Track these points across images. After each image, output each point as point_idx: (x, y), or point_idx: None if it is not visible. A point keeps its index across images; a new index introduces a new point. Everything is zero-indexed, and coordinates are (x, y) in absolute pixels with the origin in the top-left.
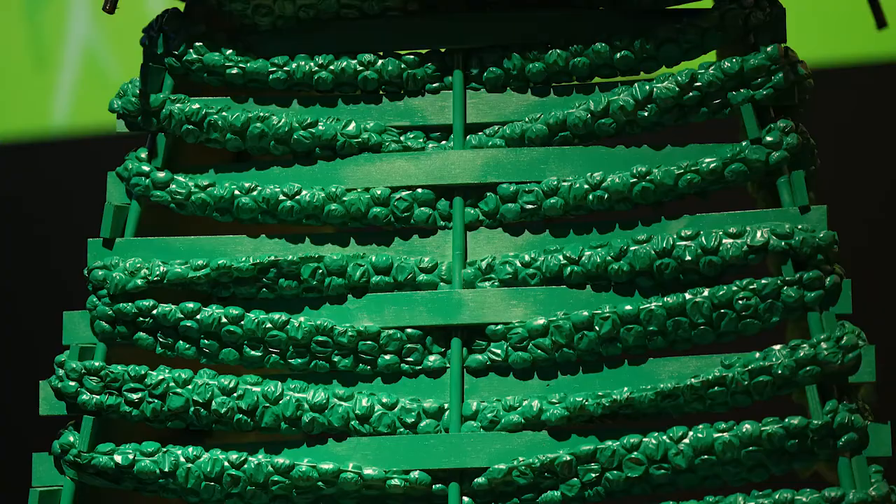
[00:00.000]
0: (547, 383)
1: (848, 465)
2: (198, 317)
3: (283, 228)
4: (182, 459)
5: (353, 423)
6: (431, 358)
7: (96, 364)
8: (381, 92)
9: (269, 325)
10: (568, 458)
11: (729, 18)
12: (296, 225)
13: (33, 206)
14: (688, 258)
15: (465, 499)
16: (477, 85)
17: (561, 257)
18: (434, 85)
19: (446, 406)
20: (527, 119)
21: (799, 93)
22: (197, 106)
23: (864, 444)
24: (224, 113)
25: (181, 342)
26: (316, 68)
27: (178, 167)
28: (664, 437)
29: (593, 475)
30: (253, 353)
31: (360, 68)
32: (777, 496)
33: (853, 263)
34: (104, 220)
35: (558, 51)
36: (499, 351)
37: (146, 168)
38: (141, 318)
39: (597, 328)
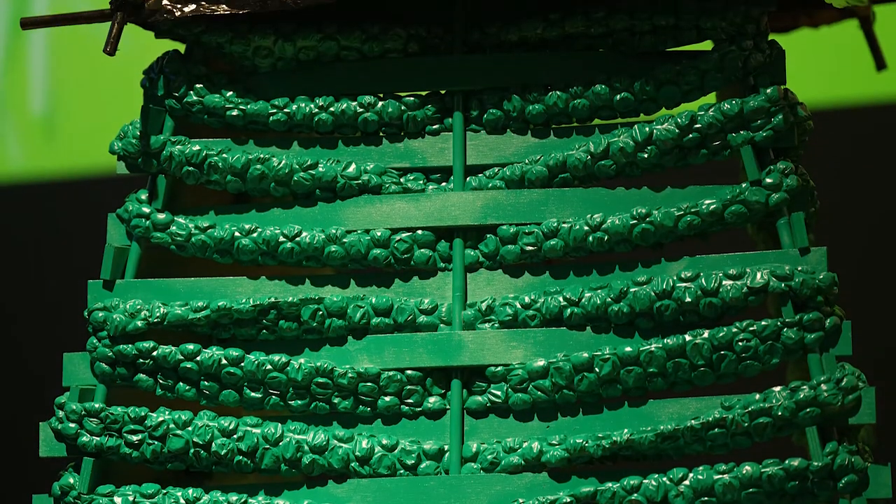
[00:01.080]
0: (547, 425)
1: None
2: (198, 358)
3: (284, 270)
4: (182, 501)
5: (353, 464)
6: (431, 399)
7: (96, 406)
8: (381, 133)
9: (269, 367)
10: (568, 499)
11: (728, 60)
12: (296, 266)
13: (34, 246)
14: (688, 300)
15: None
16: (477, 126)
17: (561, 299)
18: (434, 127)
19: (446, 448)
20: (527, 161)
21: (799, 134)
22: (197, 147)
23: (865, 486)
24: (224, 154)
25: (181, 384)
26: (316, 110)
27: (179, 209)
28: (664, 479)
29: None
30: (253, 394)
31: (361, 110)
32: None
33: (853, 304)
34: (104, 261)
35: (558, 92)
36: (499, 392)
37: (146, 210)
38: (141, 360)
39: (597, 370)
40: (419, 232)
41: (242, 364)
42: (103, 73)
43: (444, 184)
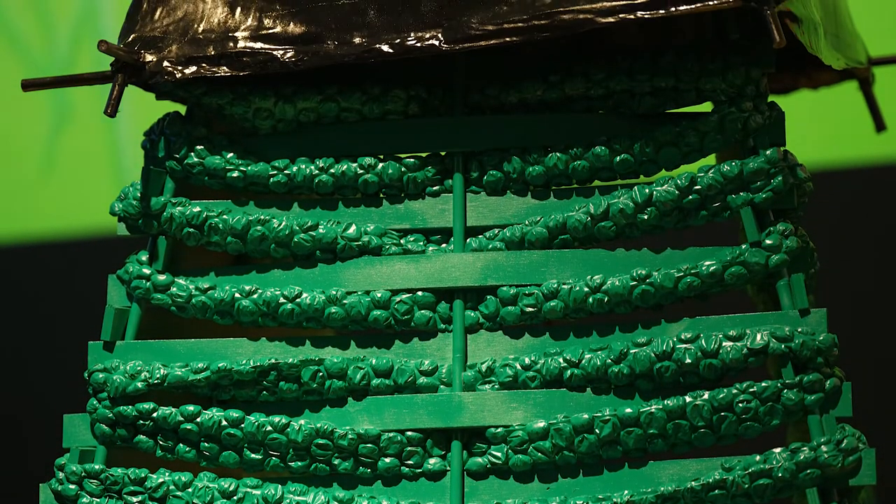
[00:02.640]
0: (547, 486)
1: None
2: (198, 420)
3: (284, 331)
4: None
5: None
6: (432, 461)
7: (96, 467)
8: (381, 195)
9: (269, 428)
10: None
11: (728, 122)
12: (296, 328)
13: (34, 307)
14: (688, 361)
15: None
16: (477, 188)
17: (561, 360)
18: (434, 188)
19: None
20: (527, 222)
21: (798, 196)
22: (198, 209)
23: None
24: (225, 216)
25: (181, 445)
26: (316, 171)
27: (179, 270)
28: None
29: None
30: (253, 455)
31: (361, 171)
32: None
33: (853, 364)
34: (105, 322)
35: (558, 154)
36: (499, 454)
37: (147, 271)
38: (141, 421)
39: (597, 431)
40: (419, 293)
41: (242, 425)
42: (104, 132)
43: (444, 245)
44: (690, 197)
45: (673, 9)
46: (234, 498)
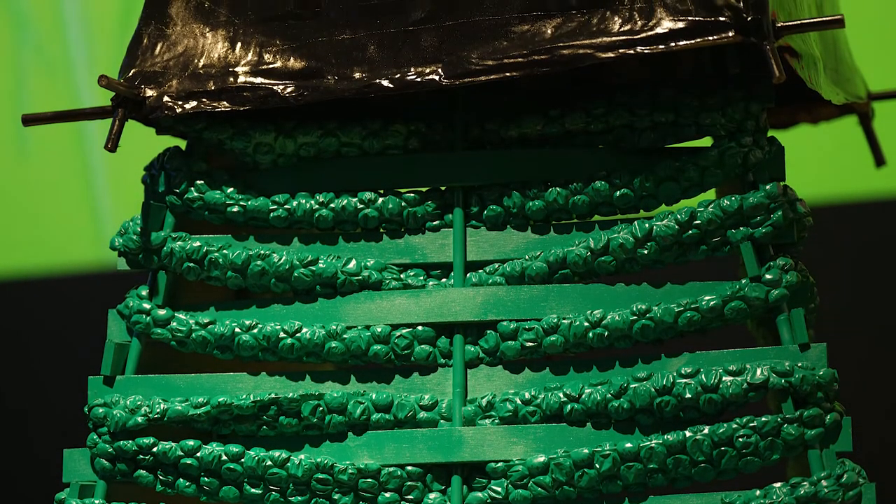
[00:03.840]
0: None
1: None
2: (198, 454)
3: (284, 366)
4: None
5: None
6: (432, 496)
7: (96, 502)
8: (381, 230)
9: (269, 463)
10: None
11: (728, 157)
12: (296, 362)
13: (34, 341)
14: (688, 396)
15: None
16: (477, 223)
17: (561, 395)
18: (434, 223)
19: None
20: (527, 257)
21: (798, 230)
22: (198, 244)
23: None
24: (225, 251)
25: (181, 480)
26: (317, 206)
27: (179, 304)
28: None
29: None
30: (253, 490)
31: (361, 206)
32: None
33: (853, 400)
34: (105, 357)
35: (558, 189)
36: (499, 489)
37: (147, 306)
38: (141, 456)
39: (597, 466)
40: (419, 328)
41: (243, 460)
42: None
43: (444, 280)
44: (690, 232)
45: (672, 44)
46: None
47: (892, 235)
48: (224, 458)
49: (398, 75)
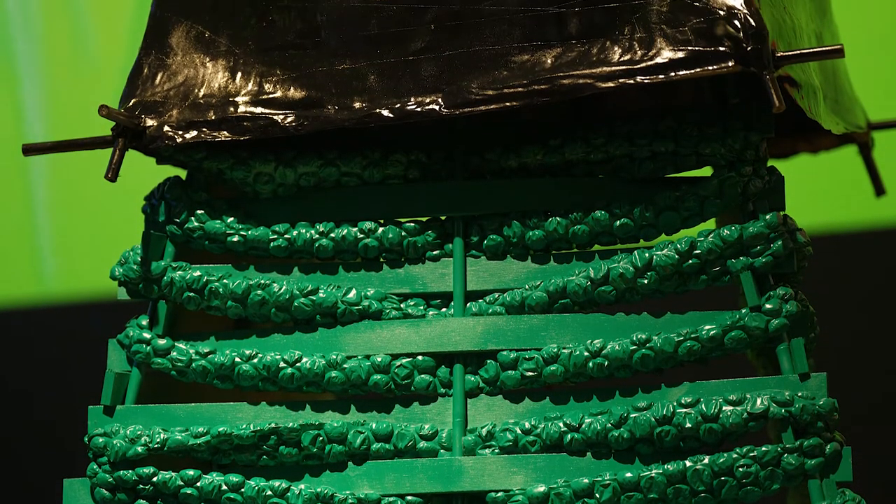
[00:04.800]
0: None
1: None
2: (198, 484)
3: (284, 395)
4: None
5: None
6: None
7: None
8: (381, 259)
9: (269, 493)
10: None
11: (728, 187)
12: (296, 392)
13: (34, 371)
14: (688, 425)
15: None
16: (477, 252)
17: (561, 424)
18: (434, 252)
19: None
20: (527, 286)
21: (798, 260)
22: (198, 273)
23: None
24: (225, 280)
25: None
26: (317, 236)
27: (179, 334)
28: None
29: None
30: None
31: (361, 236)
32: None
33: (853, 430)
34: (105, 387)
35: (558, 218)
36: None
37: (147, 335)
38: (141, 486)
39: (597, 496)
40: (419, 357)
41: (243, 490)
42: (105, 198)
43: (444, 309)
44: (690, 261)
45: (672, 74)
46: None
47: (894, 265)
48: (224, 487)
49: (398, 105)
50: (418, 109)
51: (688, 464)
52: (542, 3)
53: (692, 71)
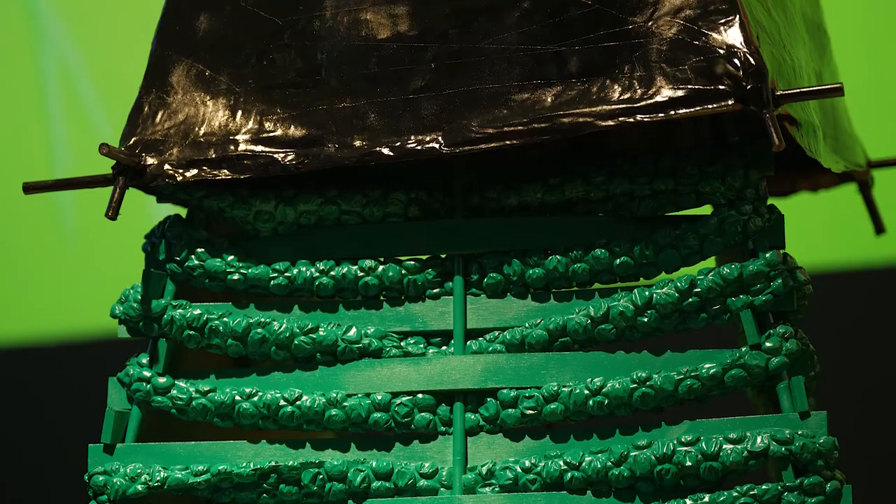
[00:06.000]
0: None
1: None
2: None
3: (284, 433)
4: None
5: None
6: None
7: None
8: (381, 297)
9: None
10: None
11: (728, 225)
12: (297, 430)
13: (34, 409)
14: (688, 464)
15: None
16: (477, 290)
17: (561, 463)
18: (434, 290)
19: None
20: (527, 324)
21: (798, 298)
22: (198, 311)
23: None
24: (225, 318)
25: None
26: (317, 274)
27: (180, 372)
28: None
29: None
30: None
31: (361, 274)
32: None
33: (854, 468)
34: (105, 425)
35: (558, 257)
36: None
37: (147, 374)
38: None
39: None
40: (420, 396)
41: None
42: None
43: (444, 347)
44: (690, 299)
45: (672, 112)
46: None
47: (894, 303)
48: None
49: (398, 143)
50: (418, 148)
51: (688, 502)
52: (541, 41)
53: (692, 109)
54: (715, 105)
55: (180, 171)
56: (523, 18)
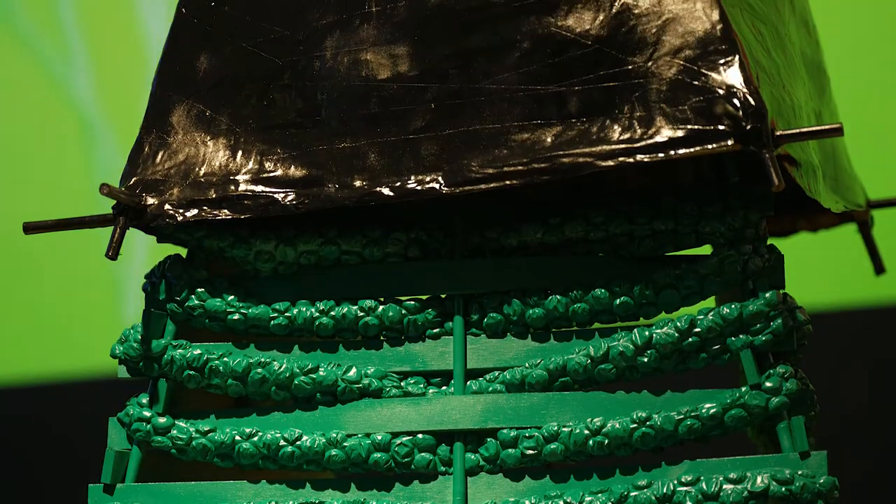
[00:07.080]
0: None
1: None
2: None
3: (284, 473)
4: None
5: None
6: None
7: None
8: (381, 337)
9: None
10: None
11: (728, 265)
12: (297, 470)
13: (34, 449)
14: None
15: None
16: (477, 330)
17: (562, 503)
18: (435, 330)
19: None
20: (527, 364)
21: (798, 338)
22: (198, 352)
23: None
24: (225, 358)
25: None
26: (317, 314)
27: (180, 412)
28: None
29: None
30: None
31: (361, 314)
32: None
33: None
34: (105, 465)
35: (558, 297)
36: None
37: (147, 414)
38: None
39: None
40: (420, 436)
41: None
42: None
43: (444, 387)
44: (690, 339)
45: (672, 152)
46: None
47: (894, 343)
48: None
49: (398, 183)
50: (419, 188)
51: None
52: (541, 81)
53: (692, 149)
54: (715, 145)
55: (180, 210)
56: (523, 59)
